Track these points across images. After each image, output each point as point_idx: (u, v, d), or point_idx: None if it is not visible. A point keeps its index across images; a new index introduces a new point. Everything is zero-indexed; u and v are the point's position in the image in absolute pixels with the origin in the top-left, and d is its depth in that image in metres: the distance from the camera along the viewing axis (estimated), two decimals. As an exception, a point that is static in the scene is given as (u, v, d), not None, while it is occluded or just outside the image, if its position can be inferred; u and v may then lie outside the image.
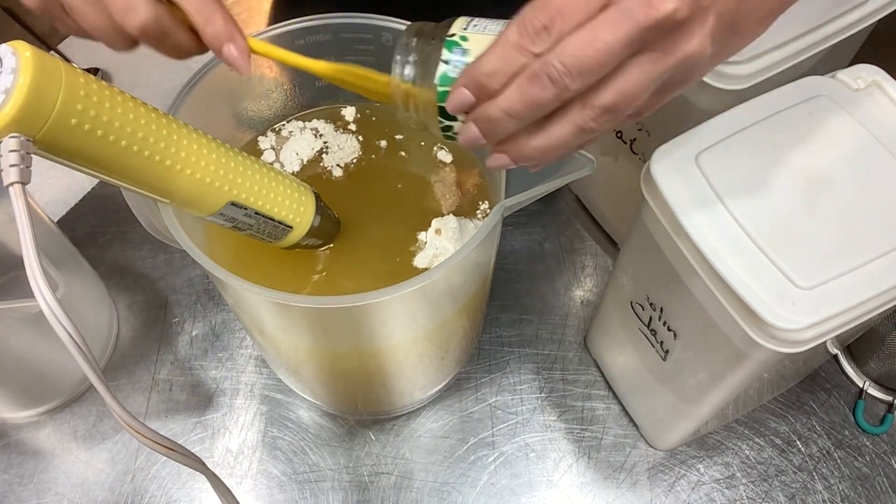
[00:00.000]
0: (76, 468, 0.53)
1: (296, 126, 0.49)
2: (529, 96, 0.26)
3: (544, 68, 0.26)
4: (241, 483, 0.53)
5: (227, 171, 0.36)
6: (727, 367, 0.39)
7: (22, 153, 0.27)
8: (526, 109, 0.27)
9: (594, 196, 0.63)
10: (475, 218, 0.46)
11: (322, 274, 0.44)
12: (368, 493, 0.52)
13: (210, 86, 0.43)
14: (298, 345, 0.44)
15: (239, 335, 0.59)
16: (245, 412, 0.55)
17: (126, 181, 0.33)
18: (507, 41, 0.27)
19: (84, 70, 0.30)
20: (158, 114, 0.33)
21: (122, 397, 0.55)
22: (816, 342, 0.34)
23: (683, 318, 0.41)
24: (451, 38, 0.30)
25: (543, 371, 0.57)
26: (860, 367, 0.57)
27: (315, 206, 0.42)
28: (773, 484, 0.52)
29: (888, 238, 0.35)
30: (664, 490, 0.52)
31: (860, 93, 0.40)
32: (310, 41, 0.45)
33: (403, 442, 0.54)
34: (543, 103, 0.26)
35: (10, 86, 0.26)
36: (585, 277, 0.62)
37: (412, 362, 0.47)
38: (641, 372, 0.49)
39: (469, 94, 0.28)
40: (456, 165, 0.48)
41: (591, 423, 0.55)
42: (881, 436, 0.54)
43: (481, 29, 0.30)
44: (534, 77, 0.26)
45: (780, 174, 0.37)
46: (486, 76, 0.27)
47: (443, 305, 0.42)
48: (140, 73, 0.73)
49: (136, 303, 0.60)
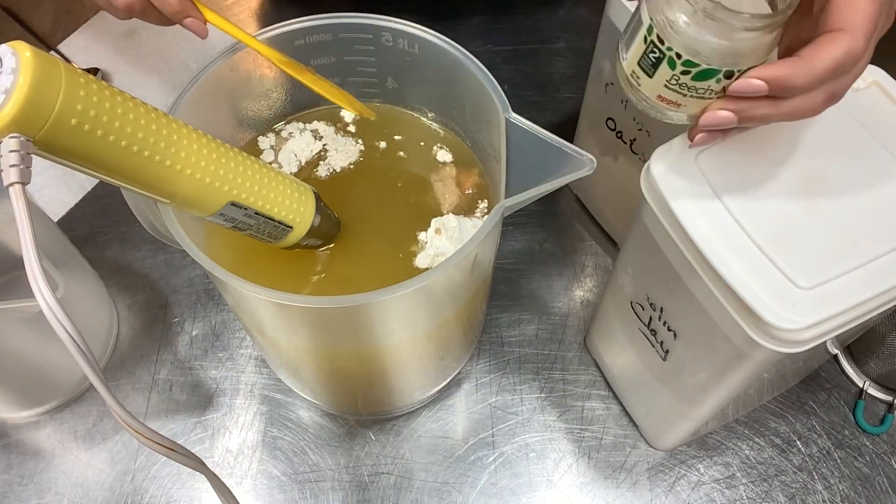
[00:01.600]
0: (76, 468, 0.53)
1: (296, 127, 0.50)
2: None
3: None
4: (241, 483, 0.53)
5: (227, 172, 0.36)
6: (727, 367, 0.39)
7: (22, 153, 0.27)
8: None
9: (594, 196, 0.63)
10: (474, 217, 0.46)
11: (322, 274, 0.44)
12: (368, 493, 0.52)
13: (210, 86, 0.43)
14: (298, 345, 0.44)
15: (239, 335, 0.59)
16: (245, 412, 0.55)
17: (126, 181, 0.33)
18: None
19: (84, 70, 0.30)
20: (158, 114, 0.33)
21: (122, 397, 0.56)
22: (816, 342, 0.34)
23: (683, 318, 0.41)
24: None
25: (543, 371, 0.57)
26: (860, 367, 0.57)
27: (315, 206, 0.42)
28: (773, 484, 0.52)
29: (888, 238, 0.35)
30: (664, 490, 0.52)
31: (860, 93, 0.40)
32: (310, 41, 0.45)
33: (403, 442, 0.54)
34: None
35: (10, 86, 0.26)
36: (585, 277, 0.62)
37: (412, 362, 0.47)
38: (641, 372, 0.49)
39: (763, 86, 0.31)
40: (455, 165, 0.48)
41: (591, 423, 0.55)
42: (881, 436, 0.54)
43: None
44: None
45: (780, 174, 0.37)
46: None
47: (443, 305, 0.42)
48: (140, 73, 0.73)
49: (136, 303, 0.60)
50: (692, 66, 0.31)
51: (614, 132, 0.53)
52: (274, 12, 0.80)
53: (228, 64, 0.44)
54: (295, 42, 0.44)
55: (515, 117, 0.39)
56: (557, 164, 0.37)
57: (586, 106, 0.57)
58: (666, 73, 0.33)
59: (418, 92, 0.49)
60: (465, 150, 0.49)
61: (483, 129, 0.45)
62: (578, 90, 0.57)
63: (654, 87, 0.34)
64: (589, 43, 0.52)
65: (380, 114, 0.50)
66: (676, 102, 0.34)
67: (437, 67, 0.44)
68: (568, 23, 0.78)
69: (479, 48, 0.72)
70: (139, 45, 0.75)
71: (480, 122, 0.45)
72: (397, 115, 0.50)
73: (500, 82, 0.41)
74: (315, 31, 0.44)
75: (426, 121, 0.50)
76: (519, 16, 0.79)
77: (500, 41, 0.76)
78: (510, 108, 0.39)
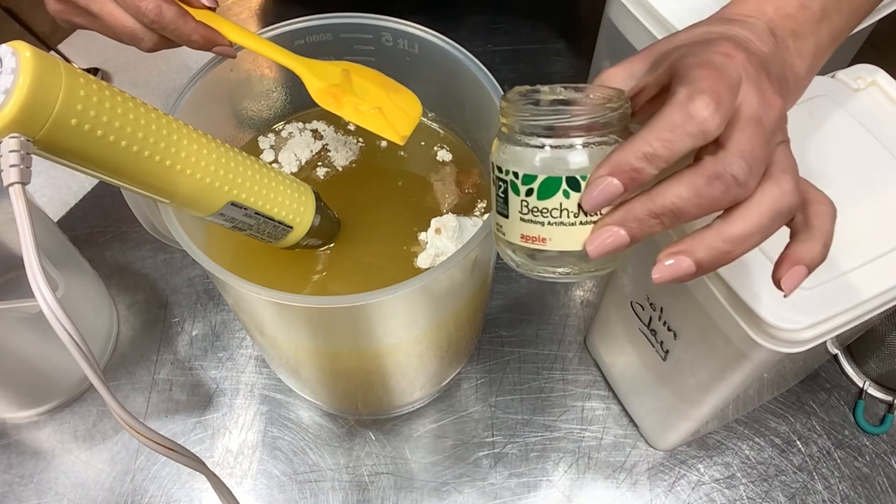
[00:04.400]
0: (76, 468, 0.53)
1: (295, 127, 0.50)
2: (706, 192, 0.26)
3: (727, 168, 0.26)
4: (241, 483, 0.53)
5: (227, 172, 0.36)
6: (727, 367, 0.39)
7: (22, 153, 0.27)
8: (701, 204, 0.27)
9: (594, 196, 0.63)
10: (474, 216, 0.46)
11: (322, 274, 0.44)
12: (368, 493, 0.52)
13: (210, 86, 0.43)
14: (298, 345, 0.44)
15: (239, 335, 0.59)
16: (245, 412, 0.55)
17: (126, 181, 0.33)
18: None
19: (84, 70, 0.30)
20: (158, 114, 0.33)
21: (122, 397, 0.55)
22: (816, 342, 0.34)
23: (683, 318, 0.41)
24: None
25: (543, 371, 0.57)
26: (860, 367, 0.57)
27: (315, 206, 0.42)
28: (773, 484, 0.52)
29: (888, 238, 0.35)
30: (664, 490, 0.52)
31: (860, 93, 0.40)
32: (309, 41, 0.45)
33: (403, 442, 0.54)
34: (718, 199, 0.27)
35: (10, 86, 0.26)
36: (585, 277, 0.62)
37: (412, 362, 0.47)
38: (641, 372, 0.49)
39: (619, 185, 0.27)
40: (455, 165, 0.48)
41: (591, 423, 0.55)
42: (881, 436, 0.54)
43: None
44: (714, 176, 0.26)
45: (780, 174, 0.37)
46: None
47: (443, 305, 0.42)
48: (140, 73, 0.73)
49: (136, 303, 0.60)
50: (530, 181, 0.29)
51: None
52: (274, 12, 0.80)
53: (228, 64, 0.44)
54: (295, 42, 0.44)
55: (515, 117, 0.39)
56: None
57: (586, 106, 0.57)
58: (515, 203, 0.29)
59: (418, 92, 0.49)
60: (465, 150, 0.49)
61: (483, 129, 0.45)
62: (578, 90, 0.57)
63: (514, 226, 0.30)
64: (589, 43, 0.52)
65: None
66: (540, 237, 0.29)
67: (437, 67, 0.44)
68: (568, 23, 0.78)
69: (479, 48, 0.72)
70: (139, 45, 0.75)
71: (480, 122, 0.45)
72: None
73: (500, 82, 0.41)
74: (315, 31, 0.44)
75: (426, 121, 0.50)
76: (519, 16, 0.78)
77: (500, 41, 0.76)
78: (510, 108, 0.39)
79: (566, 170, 0.28)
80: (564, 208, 0.29)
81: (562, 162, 0.28)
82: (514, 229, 0.30)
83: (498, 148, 0.30)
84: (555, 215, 0.29)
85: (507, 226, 0.30)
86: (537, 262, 0.31)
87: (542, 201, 0.29)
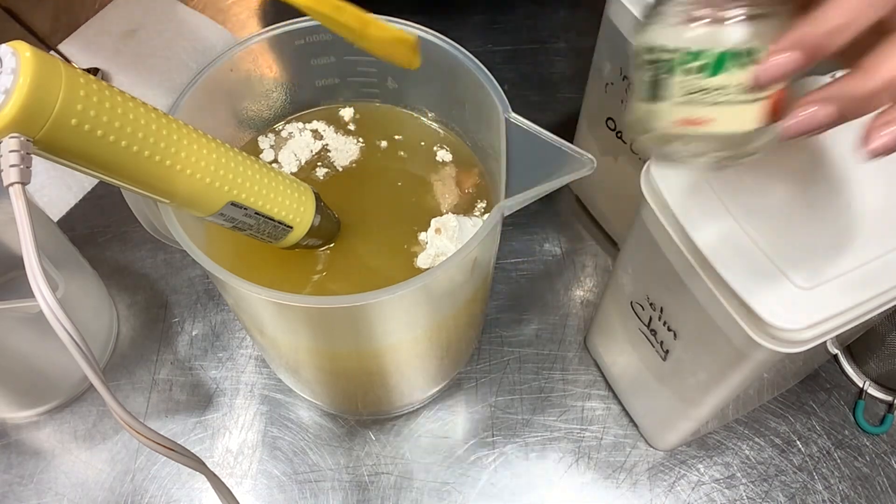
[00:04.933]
0: (76, 468, 0.53)
1: (295, 127, 0.50)
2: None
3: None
4: (241, 483, 0.53)
5: (227, 172, 0.36)
6: (727, 367, 0.39)
7: (22, 153, 0.27)
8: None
9: (594, 196, 0.63)
10: (474, 216, 0.46)
11: (322, 274, 0.44)
12: (368, 493, 0.52)
13: (210, 86, 0.43)
14: (298, 345, 0.44)
15: (239, 335, 0.59)
16: (245, 412, 0.55)
17: (126, 181, 0.33)
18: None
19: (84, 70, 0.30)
20: (158, 114, 0.33)
21: (122, 397, 0.55)
22: (816, 342, 0.34)
23: (683, 318, 0.41)
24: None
25: (543, 371, 0.57)
26: (860, 367, 0.57)
27: (315, 206, 0.42)
28: (773, 484, 0.52)
29: (888, 238, 0.35)
30: (664, 490, 0.52)
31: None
32: (309, 41, 0.45)
33: (403, 442, 0.54)
34: None
35: (9, 86, 0.26)
36: (585, 277, 0.62)
37: (412, 362, 0.47)
38: (641, 372, 0.49)
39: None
40: (455, 165, 0.48)
41: (591, 423, 0.55)
42: (881, 436, 0.54)
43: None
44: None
45: (780, 174, 0.37)
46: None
47: (443, 305, 0.42)
48: (140, 73, 0.73)
49: (136, 303, 0.60)
50: (695, 58, 0.27)
51: (614, 132, 0.53)
52: (274, 12, 0.80)
53: (228, 64, 0.44)
54: (295, 42, 0.44)
55: (515, 117, 0.39)
56: (557, 165, 0.37)
57: (586, 106, 0.57)
58: (676, 85, 0.28)
59: (418, 92, 0.49)
60: (465, 150, 0.49)
61: (483, 129, 0.45)
62: (578, 90, 0.57)
63: (671, 111, 0.29)
64: (589, 43, 0.52)
65: (380, 114, 0.50)
66: (705, 119, 0.28)
67: (437, 67, 0.44)
68: (568, 23, 0.78)
69: (479, 48, 0.72)
70: (139, 45, 0.75)
71: (480, 122, 0.45)
72: (397, 114, 0.50)
73: (500, 82, 0.41)
74: (315, 31, 0.44)
75: (426, 121, 0.50)
76: (519, 16, 0.79)
77: (500, 41, 0.76)
78: (510, 108, 0.39)
79: (735, 44, 0.27)
80: (733, 85, 0.27)
81: (730, 35, 0.27)
82: (670, 114, 0.29)
83: (652, 29, 0.29)
84: (723, 93, 0.28)
85: (660, 112, 0.29)
86: (690, 146, 0.30)
87: (709, 79, 0.27)
